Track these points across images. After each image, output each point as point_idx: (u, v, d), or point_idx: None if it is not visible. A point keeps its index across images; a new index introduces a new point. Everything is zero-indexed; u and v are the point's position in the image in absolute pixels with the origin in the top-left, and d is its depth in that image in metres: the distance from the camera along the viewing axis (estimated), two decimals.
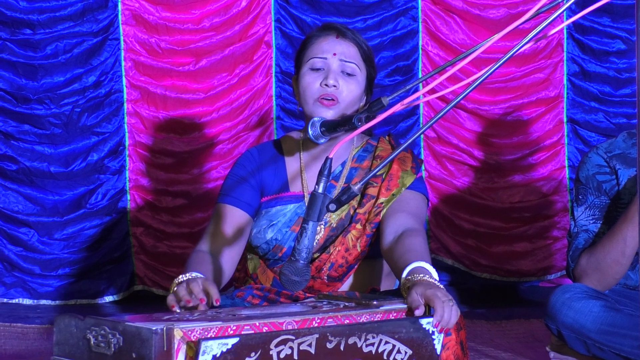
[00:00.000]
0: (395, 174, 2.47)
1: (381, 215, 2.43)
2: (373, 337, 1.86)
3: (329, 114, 2.41)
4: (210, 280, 2.16)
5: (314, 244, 2.41)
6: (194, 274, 2.20)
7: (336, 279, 2.47)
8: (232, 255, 2.45)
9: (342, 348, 1.81)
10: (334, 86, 2.42)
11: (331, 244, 2.45)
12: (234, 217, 2.47)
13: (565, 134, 4.73)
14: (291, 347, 1.75)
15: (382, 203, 2.44)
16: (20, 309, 4.24)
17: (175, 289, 2.11)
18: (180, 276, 2.19)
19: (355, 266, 2.49)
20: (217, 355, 1.66)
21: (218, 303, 2.06)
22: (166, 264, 4.45)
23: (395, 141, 2.60)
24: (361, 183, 1.84)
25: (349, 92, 2.44)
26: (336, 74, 2.44)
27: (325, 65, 2.45)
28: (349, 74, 2.45)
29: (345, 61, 2.46)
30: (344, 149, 2.54)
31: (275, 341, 1.73)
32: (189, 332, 1.69)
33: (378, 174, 2.46)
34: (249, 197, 2.50)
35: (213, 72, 4.53)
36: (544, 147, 4.71)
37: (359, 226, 2.45)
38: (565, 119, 4.73)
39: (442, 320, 1.94)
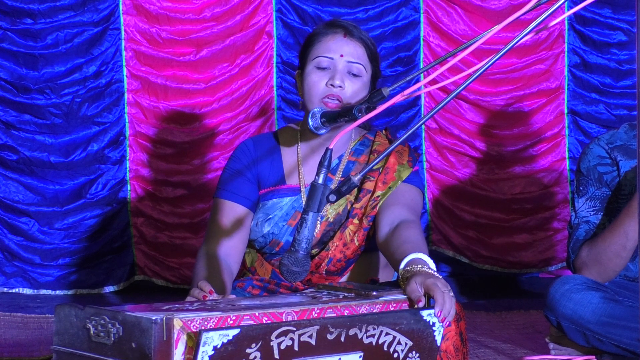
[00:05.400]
0: (392, 167, 2.47)
1: (377, 208, 2.43)
2: (374, 329, 1.86)
3: None
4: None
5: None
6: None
7: (334, 273, 2.48)
8: (237, 251, 2.46)
9: (342, 339, 1.81)
10: (340, 87, 2.41)
11: (330, 241, 2.45)
12: (233, 212, 2.47)
13: (566, 125, 4.72)
14: (292, 339, 1.75)
15: (378, 196, 2.44)
16: (20, 299, 4.24)
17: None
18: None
19: (354, 262, 2.50)
20: (218, 346, 1.66)
21: (212, 294, 2.09)
22: (166, 254, 4.45)
23: (392, 135, 2.60)
24: (361, 174, 1.84)
25: (354, 92, 2.42)
26: (342, 74, 2.42)
27: (331, 65, 2.43)
28: (354, 75, 2.44)
29: (352, 62, 2.44)
30: (342, 142, 2.52)
31: (276, 332, 1.73)
32: (189, 322, 1.70)
33: (375, 167, 2.46)
34: (247, 191, 2.49)
35: (214, 62, 4.52)
36: (544, 139, 4.71)
37: (355, 220, 2.45)
38: (566, 111, 4.73)
39: (443, 309, 1.94)
